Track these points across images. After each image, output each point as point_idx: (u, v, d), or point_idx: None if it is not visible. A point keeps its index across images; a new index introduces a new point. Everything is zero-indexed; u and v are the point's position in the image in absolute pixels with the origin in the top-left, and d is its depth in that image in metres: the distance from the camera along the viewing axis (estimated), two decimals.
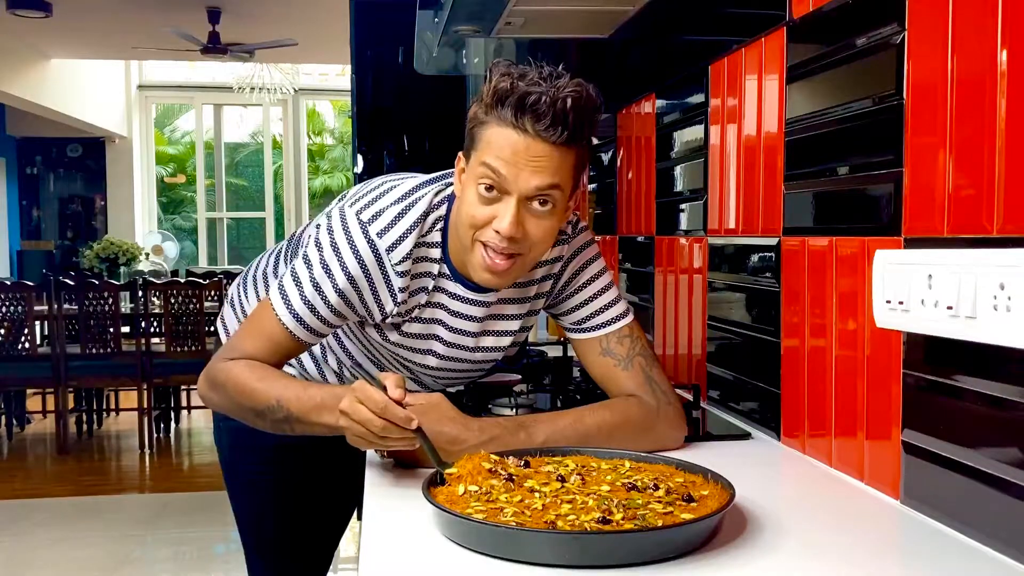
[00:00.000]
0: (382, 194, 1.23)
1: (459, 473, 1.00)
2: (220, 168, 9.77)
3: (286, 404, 1.15)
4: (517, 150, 1.09)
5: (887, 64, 1.03)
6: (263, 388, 1.18)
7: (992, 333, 0.85)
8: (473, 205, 1.13)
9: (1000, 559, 0.86)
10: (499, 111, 1.09)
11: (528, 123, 1.08)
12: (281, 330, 1.22)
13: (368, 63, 2.71)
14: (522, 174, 1.09)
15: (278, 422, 1.17)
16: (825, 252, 1.19)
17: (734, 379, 1.53)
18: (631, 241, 2.14)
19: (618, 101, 2.17)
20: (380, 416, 1.04)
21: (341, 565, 3.36)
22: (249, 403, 1.19)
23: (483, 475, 1.00)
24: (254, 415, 1.20)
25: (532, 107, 1.07)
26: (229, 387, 1.21)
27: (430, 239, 1.24)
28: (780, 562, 0.87)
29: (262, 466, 1.53)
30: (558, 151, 1.09)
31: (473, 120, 1.14)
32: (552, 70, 1.10)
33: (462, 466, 1.01)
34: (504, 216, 1.11)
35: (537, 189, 1.10)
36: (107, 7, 5.75)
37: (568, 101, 1.07)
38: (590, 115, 1.12)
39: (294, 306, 1.22)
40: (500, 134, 1.10)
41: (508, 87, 1.08)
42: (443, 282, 1.26)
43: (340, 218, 1.21)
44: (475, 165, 1.13)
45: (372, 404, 1.04)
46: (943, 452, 0.95)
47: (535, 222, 1.13)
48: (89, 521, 4.03)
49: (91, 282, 5.22)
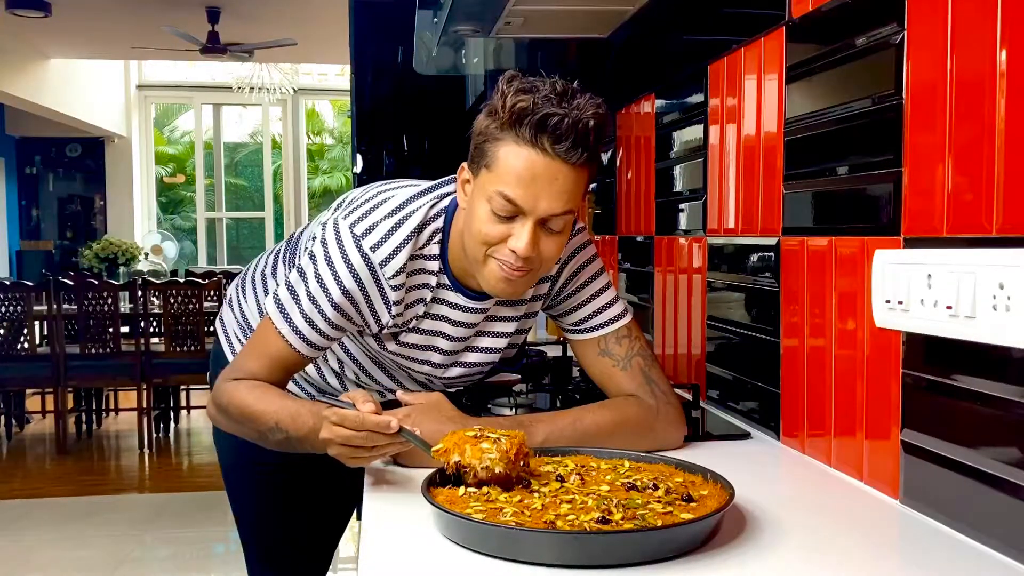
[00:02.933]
0: (376, 206, 1.23)
1: (445, 447, 1.02)
2: (219, 168, 9.76)
3: (284, 427, 1.16)
4: (536, 171, 1.08)
5: (887, 64, 1.03)
6: (261, 410, 1.19)
7: (991, 333, 0.85)
8: (486, 223, 1.12)
9: (1000, 559, 0.86)
10: (517, 130, 1.08)
11: (548, 143, 1.07)
12: (284, 346, 1.23)
13: (367, 63, 2.71)
14: (541, 200, 1.09)
15: (281, 443, 1.18)
16: (824, 252, 1.19)
17: (733, 379, 1.53)
18: (631, 241, 2.14)
19: (618, 101, 2.17)
20: (361, 429, 1.05)
21: (341, 565, 3.36)
22: (252, 425, 1.21)
23: (469, 442, 1.01)
24: (258, 436, 1.21)
25: (554, 128, 1.06)
26: (232, 410, 1.23)
27: (427, 251, 1.23)
28: (779, 562, 0.87)
29: (261, 466, 1.53)
30: (574, 171, 1.09)
31: (485, 134, 1.12)
32: (565, 85, 1.09)
33: (447, 440, 1.03)
34: (520, 237, 1.10)
35: (554, 214, 1.10)
36: (107, 7, 5.75)
37: (590, 123, 1.07)
38: (605, 134, 1.14)
39: (295, 322, 1.22)
40: (517, 154, 1.08)
41: (528, 107, 1.07)
42: (442, 292, 1.26)
43: (334, 230, 1.21)
44: (487, 186, 1.11)
45: (349, 422, 1.05)
46: (942, 452, 0.95)
47: (548, 240, 1.13)
48: (88, 521, 4.03)
49: (90, 282, 5.21)
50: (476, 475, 0.99)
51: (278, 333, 1.23)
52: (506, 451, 0.99)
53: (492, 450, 0.99)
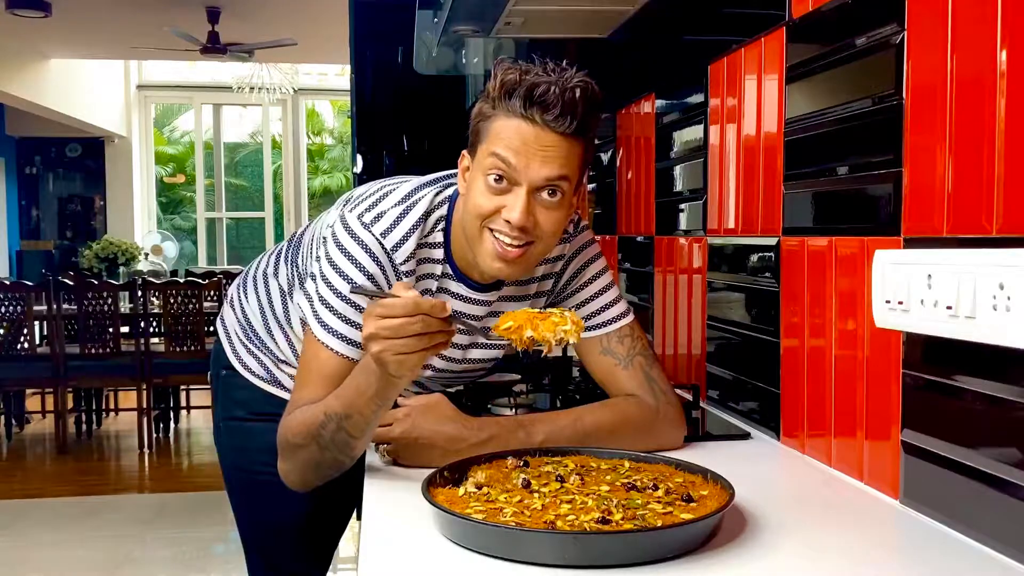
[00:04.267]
0: (382, 197, 1.23)
1: (516, 324, 1.01)
2: (219, 168, 9.76)
3: (332, 410, 1.09)
4: (527, 140, 1.09)
5: (886, 64, 1.03)
6: (311, 415, 1.12)
7: (991, 333, 0.85)
8: (481, 195, 1.12)
9: (1000, 559, 0.86)
10: (507, 103, 1.09)
11: (537, 113, 1.08)
12: (331, 357, 1.17)
13: (368, 63, 2.70)
14: (532, 164, 1.09)
15: (336, 436, 1.10)
16: (824, 252, 1.19)
17: (733, 379, 1.53)
18: (631, 241, 2.14)
19: (618, 101, 2.17)
20: (415, 313, 0.96)
21: (341, 565, 3.36)
22: (309, 441, 1.12)
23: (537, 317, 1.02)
24: (319, 448, 1.12)
25: (541, 97, 1.07)
26: (288, 445, 1.16)
27: (432, 239, 1.23)
28: (779, 562, 0.87)
29: (261, 467, 1.53)
30: (567, 141, 1.10)
31: (479, 116, 1.14)
32: (557, 64, 1.10)
33: (513, 317, 1.03)
34: (515, 206, 1.10)
35: (547, 179, 1.10)
36: (106, 7, 5.75)
37: (577, 91, 1.08)
38: (597, 107, 1.12)
39: (334, 327, 1.18)
40: (509, 125, 1.10)
41: (516, 79, 1.09)
42: (446, 282, 1.26)
43: (343, 224, 1.21)
44: (483, 157, 1.12)
45: (399, 309, 0.97)
46: (942, 452, 0.95)
47: (545, 213, 1.12)
48: (88, 521, 4.02)
49: (90, 282, 5.21)
50: (550, 348, 0.99)
51: (324, 347, 1.18)
52: (576, 323, 1.00)
53: (566, 322, 0.99)
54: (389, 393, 1.05)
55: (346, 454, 1.13)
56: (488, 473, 1.03)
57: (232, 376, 1.52)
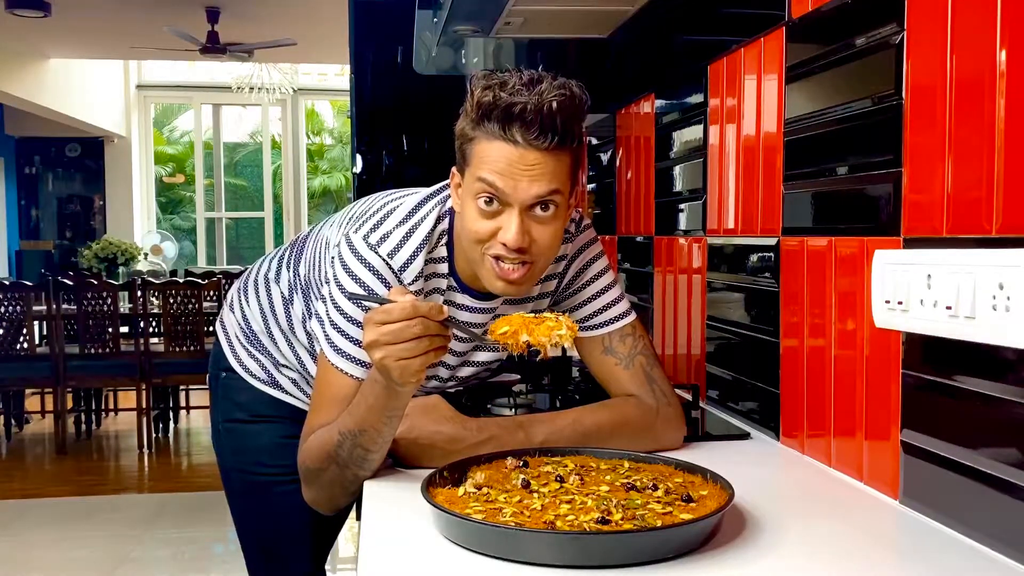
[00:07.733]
0: (386, 216, 1.22)
1: (511, 329, 1.01)
2: (219, 168, 9.76)
3: (346, 428, 1.10)
4: (511, 161, 1.07)
5: (886, 64, 1.03)
6: (326, 438, 1.13)
7: (991, 333, 0.85)
8: (475, 220, 1.11)
9: (1000, 559, 0.86)
10: (486, 125, 1.08)
11: (517, 133, 1.06)
12: (346, 381, 1.17)
13: (367, 63, 2.70)
14: (520, 184, 1.07)
15: (353, 453, 1.10)
16: (824, 252, 1.19)
17: (733, 379, 1.53)
18: (630, 241, 2.14)
19: (617, 101, 2.17)
20: (413, 316, 0.97)
21: (340, 565, 3.36)
22: (328, 463, 1.13)
23: (532, 321, 1.02)
24: (339, 468, 1.13)
25: (519, 117, 1.05)
26: (308, 472, 1.17)
27: (437, 254, 1.23)
28: (779, 562, 0.87)
29: (260, 468, 1.53)
30: (551, 156, 1.08)
31: (462, 137, 1.12)
32: (532, 74, 1.08)
33: (507, 323, 1.03)
34: (508, 228, 1.09)
35: (537, 197, 1.08)
36: (106, 7, 5.75)
37: (553, 105, 1.05)
38: (578, 115, 1.10)
39: (346, 350, 1.18)
40: (491, 148, 1.08)
41: (491, 100, 1.06)
42: (452, 295, 1.26)
43: (349, 246, 1.20)
44: (471, 181, 1.11)
45: (396, 313, 0.98)
46: (942, 452, 0.95)
47: (540, 228, 1.11)
48: (88, 521, 4.02)
49: (90, 282, 5.21)
50: (546, 352, 0.99)
51: (337, 370, 1.17)
52: (571, 327, 1.00)
53: (560, 326, 0.99)
54: (396, 404, 1.06)
55: (365, 468, 1.13)
56: (488, 473, 1.03)
57: (232, 378, 1.52)
